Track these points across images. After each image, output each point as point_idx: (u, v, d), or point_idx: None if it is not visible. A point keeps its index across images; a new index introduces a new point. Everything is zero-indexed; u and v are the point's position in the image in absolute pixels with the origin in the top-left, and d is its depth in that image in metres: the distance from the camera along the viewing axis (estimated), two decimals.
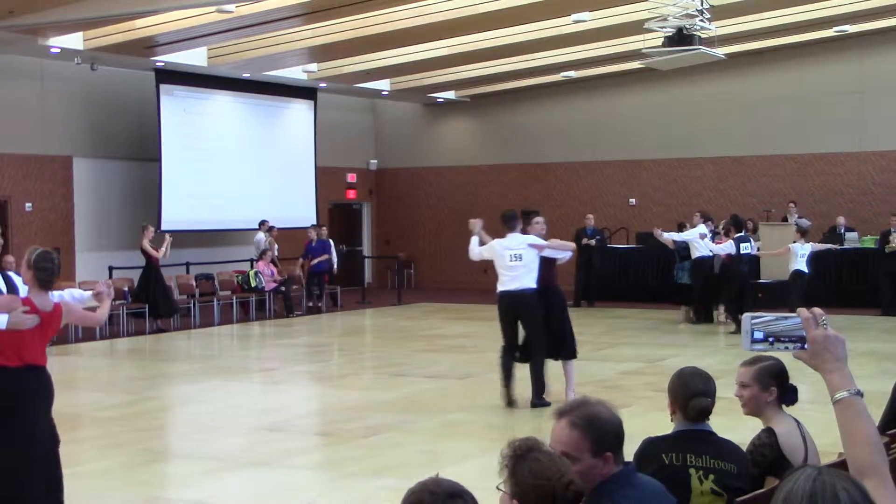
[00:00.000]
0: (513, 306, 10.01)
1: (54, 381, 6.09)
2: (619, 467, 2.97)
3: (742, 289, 16.11)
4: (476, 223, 10.49)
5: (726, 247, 16.33)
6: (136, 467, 8.01)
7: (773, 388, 4.30)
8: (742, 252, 16.11)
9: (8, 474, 5.76)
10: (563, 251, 10.41)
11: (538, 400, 9.94)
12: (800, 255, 16.31)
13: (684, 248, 17.18)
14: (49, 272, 5.84)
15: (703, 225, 16.93)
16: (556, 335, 10.12)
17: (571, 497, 2.67)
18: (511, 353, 10.12)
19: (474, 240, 10.37)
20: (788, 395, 4.34)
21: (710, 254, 16.69)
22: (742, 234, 16.43)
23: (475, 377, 12.08)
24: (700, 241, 16.64)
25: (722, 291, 16.39)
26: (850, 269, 19.17)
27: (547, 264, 10.13)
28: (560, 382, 10.23)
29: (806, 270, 16.37)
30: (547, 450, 2.76)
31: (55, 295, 6.05)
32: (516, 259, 9.87)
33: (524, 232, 10.17)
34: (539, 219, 10.44)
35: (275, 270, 19.82)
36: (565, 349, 10.25)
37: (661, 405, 3.85)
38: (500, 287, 10.07)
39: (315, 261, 20.24)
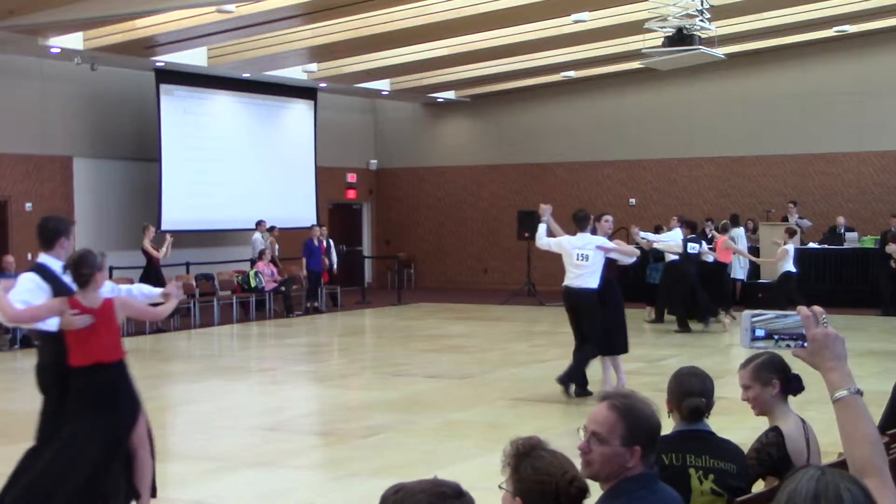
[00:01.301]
0: (573, 303, 10.43)
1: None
2: (645, 469, 2.96)
3: (692, 289, 16.23)
4: (546, 209, 10.74)
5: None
6: None
7: (775, 380, 4.30)
8: (689, 252, 16.20)
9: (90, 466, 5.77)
10: (627, 256, 10.79)
11: (570, 385, 10.39)
12: (791, 256, 16.32)
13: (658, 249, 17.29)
14: (87, 275, 5.90)
15: (678, 229, 16.80)
16: (608, 331, 10.46)
17: (574, 493, 2.66)
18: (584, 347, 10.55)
19: (542, 227, 10.64)
20: (792, 384, 4.32)
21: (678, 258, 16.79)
22: (693, 234, 16.51)
23: (475, 377, 12.07)
24: (672, 245, 16.37)
25: (673, 292, 16.48)
26: (850, 269, 19.18)
27: (610, 264, 10.55)
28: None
29: (795, 270, 16.41)
30: (550, 448, 2.75)
31: (108, 290, 6.17)
32: (583, 259, 10.25)
33: (593, 231, 10.59)
34: (609, 218, 10.84)
35: (275, 270, 19.81)
36: (618, 345, 10.59)
37: (661, 405, 3.85)
38: (566, 282, 10.44)
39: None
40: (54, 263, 6.02)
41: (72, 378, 5.77)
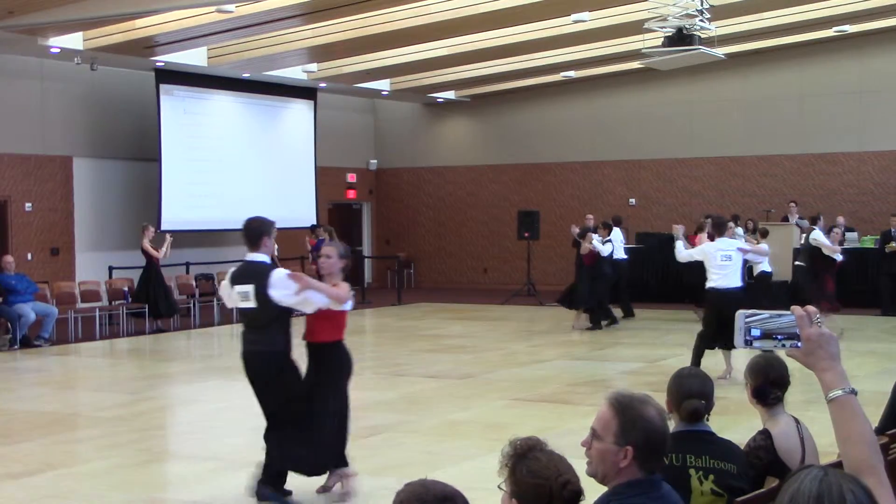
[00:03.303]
0: (720, 304, 10.94)
1: (55, 381, 6.12)
2: (644, 475, 2.92)
3: (612, 288, 17.08)
4: (679, 228, 12.11)
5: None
6: (136, 467, 8.01)
7: (749, 383, 4.37)
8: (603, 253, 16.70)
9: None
10: (761, 256, 12.19)
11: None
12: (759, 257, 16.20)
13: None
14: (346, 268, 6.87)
15: (618, 230, 17.93)
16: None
17: (568, 496, 2.65)
18: (708, 341, 11.14)
19: (679, 243, 11.81)
20: (758, 392, 4.36)
21: (626, 258, 17.98)
22: (609, 236, 17.12)
23: (475, 377, 12.07)
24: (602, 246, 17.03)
25: (590, 291, 16.87)
26: (850, 269, 19.16)
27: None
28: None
29: (770, 270, 16.38)
30: (548, 449, 2.75)
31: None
32: (727, 259, 11.09)
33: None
34: (731, 224, 11.91)
35: None
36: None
37: (661, 406, 3.85)
38: (710, 284, 11.18)
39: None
40: (261, 259, 6.77)
41: (329, 350, 6.74)
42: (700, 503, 3.82)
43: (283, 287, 6.55)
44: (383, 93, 23.83)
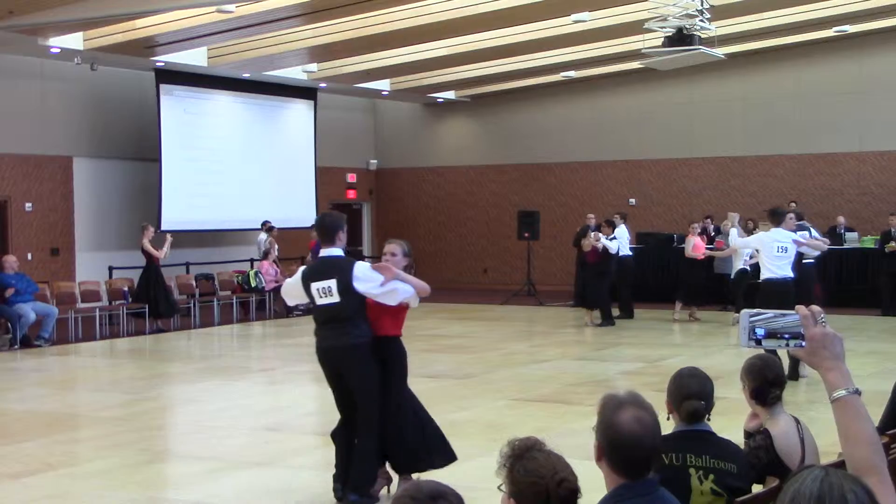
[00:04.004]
0: (775, 294, 10.93)
1: (55, 381, 6.11)
2: (626, 479, 2.88)
3: (614, 286, 17.43)
4: (734, 216, 12.74)
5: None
6: (136, 467, 8.00)
7: (746, 384, 4.37)
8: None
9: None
10: (816, 250, 12.32)
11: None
12: (745, 254, 16.16)
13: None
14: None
15: (624, 227, 18.03)
16: None
17: (564, 495, 2.65)
18: None
19: (733, 231, 12.59)
20: (757, 393, 4.35)
21: (631, 254, 18.11)
22: (613, 234, 17.37)
23: (475, 377, 12.06)
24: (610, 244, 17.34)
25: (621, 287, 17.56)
26: (850, 269, 19.18)
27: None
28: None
29: (748, 269, 16.38)
30: (546, 449, 2.75)
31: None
32: (782, 251, 11.16)
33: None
34: (791, 215, 11.75)
35: (278, 270, 19.81)
36: None
37: (661, 405, 3.85)
38: (766, 275, 11.24)
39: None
40: (338, 254, 6.78)
41: (391, 344, 6.84)
42: (700, 503, 3.82)
43: (368, 279, 6.56)
44: (383, 93, 23.83)
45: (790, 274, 11.17)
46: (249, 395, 11.65)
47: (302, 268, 6.94)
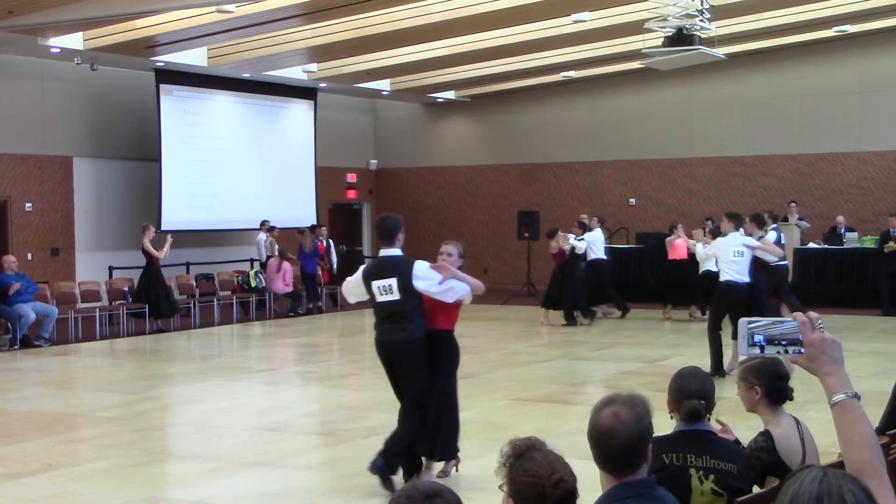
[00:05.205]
0: (731, 298, 11.29)
1: (55, 381, 6.12)
2: (616, 479, 2.87)
3: (596, 290, 17.64)
4: (699, 233, 13.43)
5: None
6: (136, 467, 8.00)
7: (757, 387, 4.33)
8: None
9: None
10: (770, 255, 12.06)
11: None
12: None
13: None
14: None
15: (599, 230, 18.08)
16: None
17: (560, 495, 2.65)
18: (717, 331, 11.55)
19: (699, 245, 12.73)
20: (775, 393, 4.34)
21: (605, 258, 18.05)
22: (582, 236, 17.62)
23: (475, 377, 12.06)
24: (595, 244, 17.67)
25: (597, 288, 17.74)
26: (850, 269, 19.18)
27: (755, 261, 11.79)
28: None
29: (717, 270, 16.33)
30: (545, 449, 2.75)
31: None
32: (738, 255, 11.37)
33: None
34: (766, 216, 12.38)
35: (290, 270, 19.87)
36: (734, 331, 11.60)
37: (661, 405, 3.86)
38: (725, 277, 11.43)
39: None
40: (397, 254, 7.18)
41: (443, 337, 7.04)
42: (700, 503, 3.82)
43: (427, 278, 6.92)
44: (383, 93, 23.83)
45: (746, 278, 11.37)
46: (249, 395, 11.65)
47: (362, 267, 7.35)
